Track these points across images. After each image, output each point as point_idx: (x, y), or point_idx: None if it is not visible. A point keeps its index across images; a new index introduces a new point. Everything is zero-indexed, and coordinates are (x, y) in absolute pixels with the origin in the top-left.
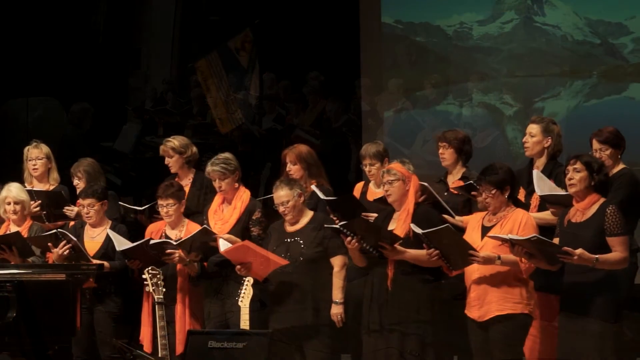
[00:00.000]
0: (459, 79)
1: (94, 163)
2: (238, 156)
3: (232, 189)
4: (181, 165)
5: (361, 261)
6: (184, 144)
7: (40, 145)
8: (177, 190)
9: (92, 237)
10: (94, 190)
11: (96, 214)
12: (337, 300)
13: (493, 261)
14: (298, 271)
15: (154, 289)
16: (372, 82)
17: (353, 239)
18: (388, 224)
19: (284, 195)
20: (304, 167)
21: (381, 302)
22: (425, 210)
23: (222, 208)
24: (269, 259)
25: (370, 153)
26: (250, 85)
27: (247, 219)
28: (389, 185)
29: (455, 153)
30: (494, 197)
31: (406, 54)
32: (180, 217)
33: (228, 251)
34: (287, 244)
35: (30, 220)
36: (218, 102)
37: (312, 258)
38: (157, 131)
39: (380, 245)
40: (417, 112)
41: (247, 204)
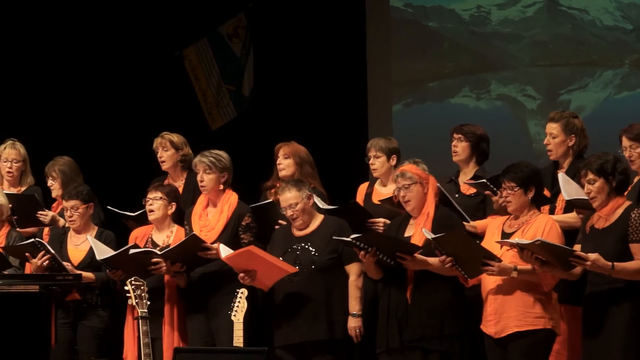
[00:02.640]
0: (476, 68)
1: (70, 162)
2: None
3: (216, 190)
4: (175, 163)
5: (376, 273)
6: (182, 141)
7: (17, 146)
8: (170, 190)
9: (76, 244)
10: (78, 191)
11: (80, 218)
12: (354, 312)
13: (509, 272)
14: (309, 280)
15: (137, 301)
16: (379, 73)
17: (368, 253)
18: (404, 230)
19: (291, 197)
20: (297, 163)
21: (400, 317)
22: (445, 215)
23: (207, 212)
24: (276, 266)
25: (377, 145)
26: (244, 75)
27: (236, 225)
28: (405, 191)
29: (470, 148)
30: (515, 195)
31: (417, 41)
32: (167, 219)
33: (230, 257)
34: (296, 251)
35: (8, 226)
36: (208, 95)
37: (325, 265)
38: None
39: (398, 256)
40: (429, 105)
41: (235, 208)
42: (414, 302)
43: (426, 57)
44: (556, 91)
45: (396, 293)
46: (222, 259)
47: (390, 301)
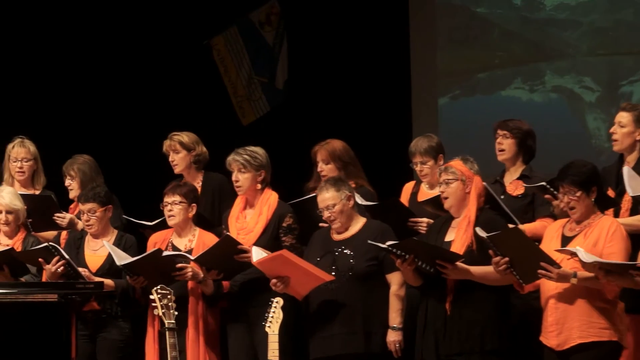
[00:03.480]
0: (529, 58)
1: (90, 160)
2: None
3: (253, 190)
4: (188, 165)
5: (415, 280)
6: (193, 140)
7: (26, 143)
8: (189, 191)
9: (94, 249)
10: (95, 192)
11: (98, 222)
12: (394, 325)
13: (568, 279)
14: (346, 288)
15: (164, 312)
16: (424, 63)
17: (405, 261)
18: (445, 233)
19: (329, 197)
20: (339, 167)
21: (437, 328)
22: (489, 218)
23: (244, 214)
24: (311, 273)
25: (421, 149)
26: (277, 66)
27: (276, 227)
28: (445, 186)
29: (516, 146)
30: (579, 200)
31: (464, 29)
32: (188, 223)
33: (262, 262)
34: (334, 256)
35: (25, 231)
36: (238, 88)
37: (364, 273)
38: None
39: (438, 264)
40: (478, 98)
41: (275, 209)
42: (454, 314)
43: (475, 45)
44: (617, 82)
45: (434, 303)
46: (254, 263)
47: (427, 312)
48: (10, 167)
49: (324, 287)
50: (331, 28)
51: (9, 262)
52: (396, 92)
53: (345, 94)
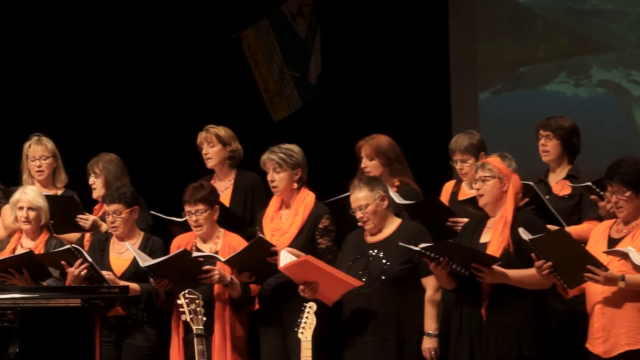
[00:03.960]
0: (574, 51)
1: (116, 159)
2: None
3: (289, 190)
4: (222, 160)
5: (449, 283)
6: (230, 135)
7: (44, 141)
8: (209, 194)
9: (119, 252)
10: (121, 193)
11: (124, 224)
12: (430, 331)
13: (616, 282)
14: (379, 293)
15: (192, 317)
16: (464, 56)
17: (439, 264)
18: (480, 234)
19: (362, 197)
20: (384, 163)
21: (473, 334)
22: (527, 218)
23: (279, 215)
24: (339, 278)
25: (461, 146)
26: (309, 60)
27: (312, 228)
28: (481, 183)
29: (561, 146)
30: (629, 200)
31: (507, 20)
32: (213, 227)
33: (288, 267)
34: (366, 259)
35: (47, 233)
36: (269, 83)
37: (398, 277)
38: None
39: (473, 267)
40: (520, 93)
41: (312, 209)
42: (490, 319)
43: (517, 37)
44: None
45: (469, 308)
46: (280, 269)
47: (462, 317)
48: (29, 167)
49: (356, 292)
50: (366, 20)
51: (28, 266)
52: (435, 87)
53: (381, 89)
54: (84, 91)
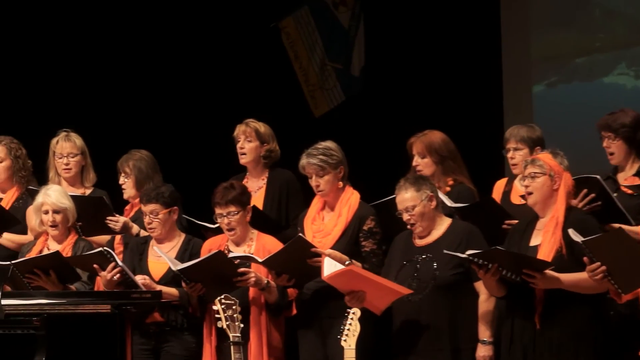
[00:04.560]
0: (634, 41)
1: (148, 157)
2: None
3: (335, 190)
4: (257, 158)
5: (498, 290)
6: (269, 133)
7: (72, 137)
8: (240, 194)
9: (157, 256)
10: (159, 192)
11: (161, 225)
12: (484, 338)
13: None
14: (430, 300)
15: (228, 324)
16: (517, 47)
17: (488, 271)
18: (530, 236)
19: (408, 198)
20: (437, 161)
21: (526, 343)
22: (579, 218)
23: (322, 216)
24: (386, 286)
25: (517, 136)
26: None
27: (356, 230)
28: (530, 180)
29: (626, 144)
30: None
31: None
32: (246, 229)
33: (332, 277)
34: (415, 264)
35: (75, 235)
36: (310, 75)
37: (449, 282)
38: None
39: (525, 273)
40: (577, 85)
41: (356, 210)
42: (544, 326)
43: (573, 27)
44: None
45: (522, 315)
46: (323, 278)
47: (514, 324)
48: (56, 164)
49: (406, 299)
50: (413, 8)
51: (56, 267)
52: (486, 80)
53: (429, 81)
54: (115, 85)
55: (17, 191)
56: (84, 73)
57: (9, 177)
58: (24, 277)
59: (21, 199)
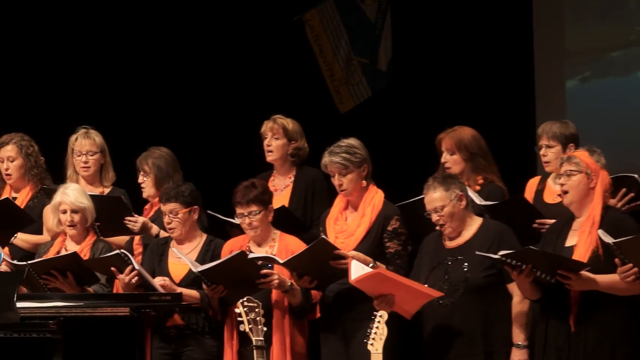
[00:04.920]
0: None
1: (168, 154)
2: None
3: (358, 189)
4: (284, 156)
5: (532, 293)
6: (298, 131)
7: (92, 134)
8: (262, 193)
9: (178, 257)
10: (179, 191)
11: (181, 225)
12: (519, 342)
13: None
14: (462, 303)
15: (251, 327)
16: (549, 40)
17: (522, 272)
18: (565, 237)
19: (437, 198)
20: (466, 158)
21: (560, 346)
22: (616, 218)
23: (345, 216)
24: (416, 289)
25: (550, 132)
26: (379, 45)
27: (380, 230)
28: (566, 178)
29: None
30: None
31: (595, 0)
32: (268, 229)
33: (360, 280)
34: (446, 266)
35: (94, 236)
36: (335, 70)
37: (481, 285)
38: None
39: (560, 274)
40: (612, 80)
41: (381, 210)
42: (579, 329)
43: (607, 19)
44: None
45: (556, 318)
46: (351, 282)
47: (548, 326)
48: (74, 162)
49: (436, 303)
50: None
51: (73, 269)
52: (517, 74)
53: (458, 76)
54: (135, 80)
55: (31, 190)
56: (104, 68)
57: (21, 175)
58: (41, 278)
59: (36, 197)
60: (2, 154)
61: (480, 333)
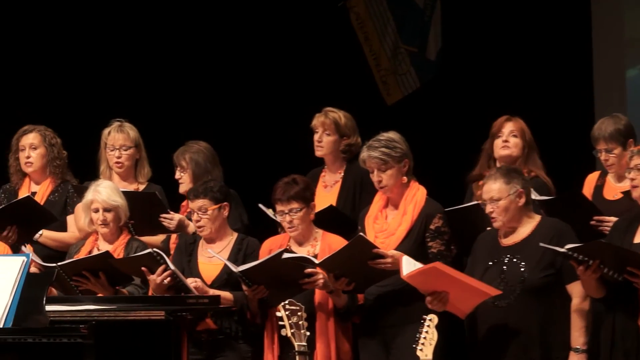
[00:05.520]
0: None
1: (207, 149)
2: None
3: (398, 185)
4: (335, 152)
5: (597, 291)
6: (351, 126)
7: (126, 128)
8: (303, 189)
9: (209, 256)
10: (207, 187)
11: (211, 223)
12: (577, 346)
13: None
14: (518, 305)
15: (293, 332)
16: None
17: (589, 267)
18: (634, 233)
19: (495, 189)
20: (525, 146)
21: (628, 348)
22: None
23: (385, 214)
24: (474, 287)
25: (605, 134)
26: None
27: (422, 229)
28: (636, 172)
29: None
30: None
31: None
32: (310, 227)
33: (413, 275)
34: (501, 265)
35: (128, 235)
36: (382, 59)
37: (539, 285)
38: None
39: (628, 271)
40: None
41: (423, 207)
42: None
43: None
44: None
45: (623, 318)
46: (403, 277)
47: (615, 327)
48: (107, 157)
49: (491, 303)
50: None
51: (106, 269)
52: (575, 63)
53: (512, 66)
54: (172, 70)
55: (52, 184)
56: (139, 56)
57: (43, 166)
58: (72, 279)
59: (56, 192)
60: (25, 141)
61: (537, 337)
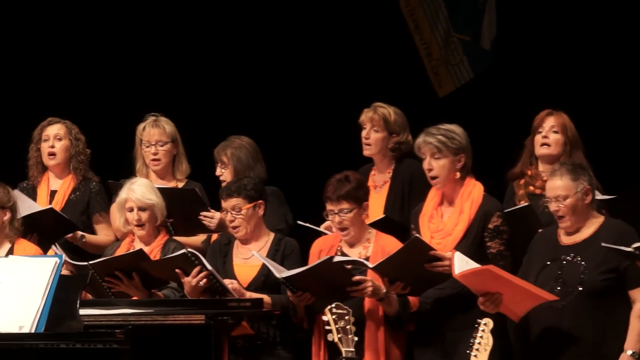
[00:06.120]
0: None
1: (249, 144)
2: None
3: (451, 180)
4: (383, 150)
5: None
6: (401, 123)
7: (161, 122)
8: (355, 189)
9: (245, 257)
10: (241, 185)
11: (246, 222)
12: (632, 350)
13: None
14: (575, 308)
15: (340, 337)
16: None
17: None
18: None
19: (562, 186)
20: (567, 143)
21: None
22: None
23: (440, 212)
24: (528, 290)
25: None
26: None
27: (481, 229)
28: None
29: None
30: None
31: None
32: (362, 227)
33: (465, 275)
34: (560, 265)
35: (165, 235)
36: (433, 48)
37: (598, 288)
38: None
39: None
40: None
41: (480, 205)
42: None
43: None
44: None
45: None
46: (455, 276)
47: None
48: (143, 154)
49: (547, 305)
50: None
51: (140, 270)
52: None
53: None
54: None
55: (73, 181)
56: (177, 49)
57: (66, 160)
58: (103, 281)
59: (78, 190)
60: (49, 131)
61: (592, 342)
